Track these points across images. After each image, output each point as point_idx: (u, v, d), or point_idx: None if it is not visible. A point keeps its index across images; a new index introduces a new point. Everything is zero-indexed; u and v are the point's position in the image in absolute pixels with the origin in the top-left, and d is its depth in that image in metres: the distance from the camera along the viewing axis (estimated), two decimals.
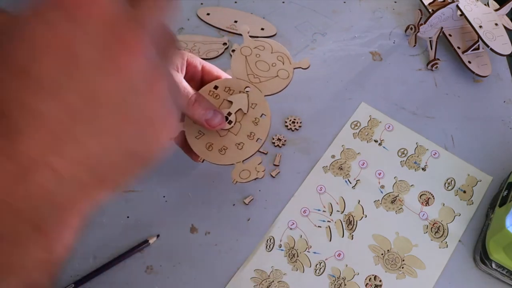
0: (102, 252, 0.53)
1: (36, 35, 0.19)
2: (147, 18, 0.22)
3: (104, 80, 0.20)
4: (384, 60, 0.66)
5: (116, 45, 0.20)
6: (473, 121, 0.62)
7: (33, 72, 0.19)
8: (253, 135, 0.45)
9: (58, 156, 0.19)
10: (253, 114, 0.45)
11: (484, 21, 0.62)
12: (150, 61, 0.21)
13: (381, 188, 0.57)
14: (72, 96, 0.19)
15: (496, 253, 0.49)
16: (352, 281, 0.52)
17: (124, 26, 0.20)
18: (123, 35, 0.20)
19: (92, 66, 0.19)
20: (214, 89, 0.45)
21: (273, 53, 0.46)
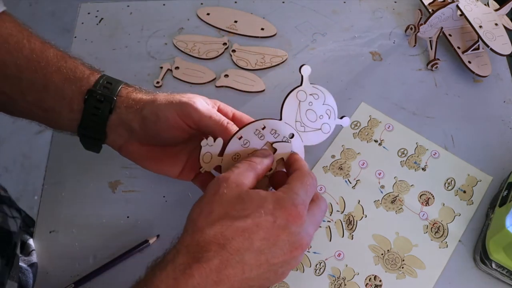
0: (102, 252, 0.53)
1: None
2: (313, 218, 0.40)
3: (279, 259, 0.37)
4: (384, 60, 0.66)
5: (294, 248, 0.38)
6: (473, 121, 0.62)
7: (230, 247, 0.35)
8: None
9: (236, 280, 0.36)
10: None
11: (484, 21, 0.62)
12: (306, 249, 0.39)
13: (381, 188, 0.57)
14: (250, 263, 0.36)
15: (496, 253, 0.49)
16: (352, 281, 0.52)
17: (304, 234, 0.39)
18: (300, 242, 0.38)
19: (278, 252, 0.37)
20: (262, 129, 0.44)
21: (324, 105, 0.45)
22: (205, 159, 0.43)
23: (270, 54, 0.66)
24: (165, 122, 0.44)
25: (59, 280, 0.52)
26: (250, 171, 0.40)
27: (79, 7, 0.72)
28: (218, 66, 0.66)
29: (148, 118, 0.44)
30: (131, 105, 0.46)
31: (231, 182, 0.38)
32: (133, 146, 0.47)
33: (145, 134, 0.46)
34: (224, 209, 0.37)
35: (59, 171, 0.58)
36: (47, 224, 0.55)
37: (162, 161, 0.48)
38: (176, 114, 0.44)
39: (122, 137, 0.47)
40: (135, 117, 0.45)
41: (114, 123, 0.46)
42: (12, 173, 1.50)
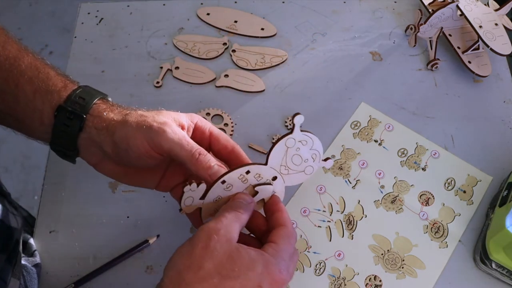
0: (102, 252, 0.53)
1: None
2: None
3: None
4: (384, 60, 0.66)
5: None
6: (473, 121, 0.62)
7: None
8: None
9: None
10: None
11: (484, 21, 0.62)
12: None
13: (381, 188, 0.57)
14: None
15: (496, 253, 0.49)
16: (352, 281, 0.52)
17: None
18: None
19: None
20: (246, 174, 0.43)
21: (311, 150, 0.45)
22: (186, 203, 0.43)
23: (270, 54, 0.66)
24: (136, 151, 0.42)
25: (59, 280, 0.52)
26: (236, 222, 0.39)
27: (79, 7, 0.72)
28: (218, 66, 0.66)
29: (119, 145, 0.43)
30: (102, 127, 0.44)
31: (222, 236, 0.37)
32: (109, 165, 0.46)
33: (118, 158, 0.44)
34: (215, 266, 0.36)
35: (59, 171, 0.58)
36: (47, 224, 0.55)
37: (139, 177, 0.47)
38: (146, 143, 0.42)
39: (96, 156, 0.46)
40: (106, 140, 0.44)
41: (85, 142, 0.45)
42: (12, 173, 1.50)
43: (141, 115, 0.44)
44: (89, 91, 0.46)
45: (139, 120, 0.43)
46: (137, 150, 0.42)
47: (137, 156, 0.43)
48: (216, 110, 0.62)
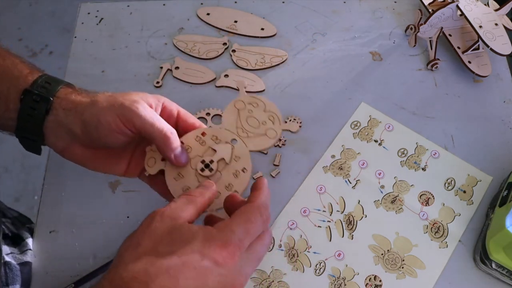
0: (102, 252, 0.53)
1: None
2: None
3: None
4: (384, 60, 0.66)
5: (229, 285, 0.34)
6: (473, 121, 0.62)
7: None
8: (231, 187, 0.44)
9: None
10: (235, 166, 0.45)
11: (484, 21, 0.62)
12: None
13: (381, 188, 0.57)
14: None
15: (496, 253, 0.49)
16: (352, 281, 0.52)
17: (236, 276, 0.35)
18: (231, 283, 0.35)
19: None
20: (202, 135, 0.45)
21: (265, 112, 0.46)
22: (149, 164, 0.45)
23: (270, 54, 0.66)
24: (107, 127, 0.42)
25: (59, 280, 0.52)
26: (188, 205, 0.38)
27: (79, 7, 0.72)
28: (218, 66, 0.66)
29: (89, 123, 0.43)
30: (70, 107, 0.44)
31: (166, 216, 0.36)
32: (77, 149, 0.46)
33: (88, 138, 0.44)
34: (152, 243, 0.35)
35: (59, 171, 0.58)
36: (47, 224, 0.55)
37: (107, 162, 0.47)
38: (118, 119, 0.42)
39: (63, 140, 0.46)
40: (75, 121, 0.44)
41: (52, 125, 0.45)
42: (12, 173, 1.50)
43: (110, 95, 0.44)
44: (55, 78, 0.47)
45: (110, 99, 0.43)
46: (108, 126, 0.42)
47: (108, 133, 0.43)
48: (216, 110, 0.62)
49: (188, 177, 0.45)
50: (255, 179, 0.46)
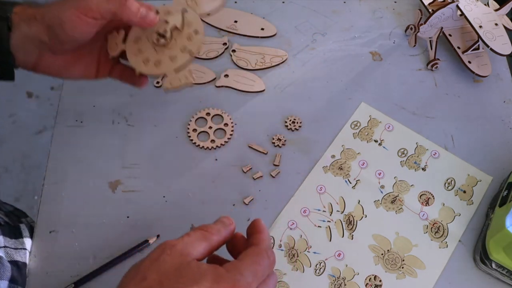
0: (102, 252, 0.53)
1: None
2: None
3: None
4: (384, 60, 0.66)
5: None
6: (473, 121, 0.62)
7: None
8: (186, 49, 0.49)
9: None
10: (188, 31, 0.49)
11: (484, 21, 0.62)
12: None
13: (381, 188, 0.57)
14: None
15: (496, 253, 0.49)
16: (352, 281, 0.52)
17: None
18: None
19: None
20: (156, 14, 0.48)
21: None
22: (111, 47, 0.50)
23: (270, 54, 0.66)
24: (70, 23, 0.44)
25: (59, 280, 0.52)
26: (202, 241, 0.37)
27: None
28: (218, 66, 0.66)
29: (53, 25, 0.45)
30: (30, 18, 0.46)
31: (176, 251, 0.35)
32: (48, 59, 0.48)
33: (56, 42, 0.46)
34: (158, 277, 0.33)
35: (59, 171, 0.58)
36: (47, 224, 0.55)
37: (78, 66, 0.50)
38: (78, 11, 0.44)
39: (33, 54, 0.47)
40: (39, 29, 0.45)
41: (18, 42, 0.46)
42: (12, 173, 1.50)
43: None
44: (6, 1, 0.47)
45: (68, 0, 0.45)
46: (71, 22, 0.44)
47: (73, 28, 0.45)
48: (216, 110, 0.62)
49: (147, 50, 0.50)
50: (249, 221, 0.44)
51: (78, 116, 0.62)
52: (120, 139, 0.60)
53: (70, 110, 0.62)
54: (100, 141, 0.60)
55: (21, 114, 1.58)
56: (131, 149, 0.60)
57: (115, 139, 0.60)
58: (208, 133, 0.60)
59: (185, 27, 0.50)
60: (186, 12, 0.50)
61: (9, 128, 1.54)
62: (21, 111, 1.59)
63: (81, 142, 0.60)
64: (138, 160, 0.59)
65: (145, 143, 0.60)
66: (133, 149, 0.60)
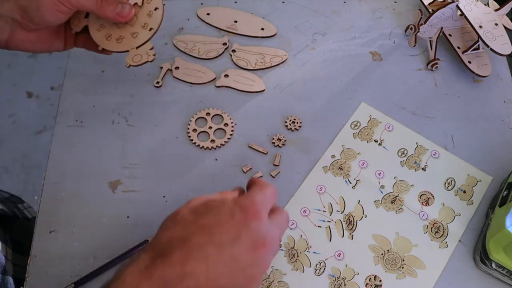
0: (102, 252, 0.53)
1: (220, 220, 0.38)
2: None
3: (244, 257, 0.37)
4: (384, 60, 0.66)
5: (257, 245, 0.37)
6: (473, 121, 0.62)
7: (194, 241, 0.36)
8: (147, 25, 0.52)
9: (204, 278, 0.35)
10: (148, 8, 0.53)
11: (484, 21, 0.62)
12: (272, 250, 0.39)
13: (381, 188, 0.57)
14: (215, 261, 0.36)
15: (496, 253, 0.49)
16: (352, 281, 0.52)
17: (266, 232, 0.38)
18: (263, 240, 0.38)
19: (242, 249, 0.37)
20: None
21: None
22: (75, 23, 0.53)
23: (270, 54, 0.66)
24: (47, 8, 0.46)
25: (59, 280, 0.52)
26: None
27: None
28: (218, 66, 0.66)
29: (29, 7, 0.46)
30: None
31: (200, 197, 0.41)
32: (20, 36, 0.49)
33: (29, 21, 0.48)
34: (189, 211, 0.39)
35: (59, 171, 0.58)
36: (47, 224, 0.55)
37: (49, 41, 0.53)
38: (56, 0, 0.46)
39: (5, 31, 0.48)
40: (13, 8, 0.47)
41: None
42: (12, 173, 1.50)
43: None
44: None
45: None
46: (47, 7, 0.47)
47: (49, 13, 0.47)
48: (216, 110, 0.62)
49: (109, 26, 0.53)
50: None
51: (78, 116, 0.62)
52: (120, 139, 0.60)
53: (70, 110, 0.62)
54: (100, 141, 0.60)
55: (21, 114, 1.59)
56: (131, 149, 0.60)
57: (115, 139, 0.60)
58: (208, 133, 0.60)
59: (145, 4, 0.53)
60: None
61: (9, 128, 1.54)
62: (21, 111, 1.59)
63: (81, 142, 0.60)
64: (138, 160, 0.59)
65: (145, 143, 0.60)
66: (133, 149, 0.60)
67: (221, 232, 0.37)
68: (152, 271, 0.35)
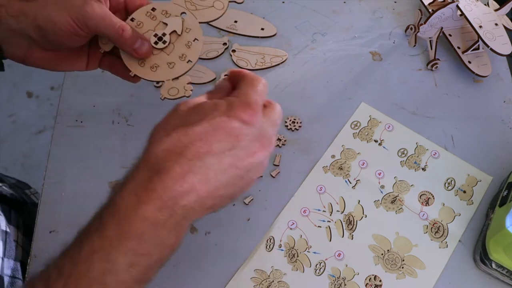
0: None
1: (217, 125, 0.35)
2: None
3: (243, 162, 0.36)
4: (384, 60, 0.66)
5: (255, 148, 0.37)
6: (473, 121, 0.62)
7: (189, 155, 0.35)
8: (185, 57, 0.48)
9: (205, 190, 0.35)
10: (187, 37, 0.48)
11: (484, 21, 0.62)
12: (269, 150, 0.38)
13: (381, 188, 0.57)
14: (211, 171, 0.35)
15: (496, 253, 0.49)
16: (352, 281, 0.52)
17: (263, 133, 0.37)
18: (260, 141, 0.37)
19: (241, 154, 0.36)
20: (152, 11, 0.48)
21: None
22: (103, 42, 0.48)
23: (270, 54, 0.66)
24: (64, 30, 0.43)
25: None
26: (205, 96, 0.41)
27: None
28: (218, 66, 0.66)
29: (46, 28, 0.44)
30: (18, 13, 0.44)
31: (188, 101, 0.38)
32: (37, 54, 0.47)
33: (45, 41, 0.45)
34: (180, 119, 0.36)
35: (59, 171, 0.58)
36: (47, 224, 0.55)
37: (69, 61, 0.49)
38: (73, 22, 0.43)
39: (21, 48, 0.46)
40: (30, 27, 0.44)
41: (5, 35, 0.45)
42: (12, 173, 1.50)
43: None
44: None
45: (61, 0, 0.44)
46: (66, 29, 0.43)
47: (66, 36, 0.44)
48: None
49: None
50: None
51: (78, 116, 0.62)
52: (120, 139, 0.60)
53: (70, 110, 0.62)
54: (100, 141, 0.60)
55: (21, 114, 1.59)
56: (131, 149, 0.60)
57: (115, 139, 0.60)
58: None
59: (184, 33, 0.48)
60: (185, 16, 0.49)
61: (9, 128, 1.54)
62: (21, 111, 1.59)
63: (81, 142, 0.60)
64: None
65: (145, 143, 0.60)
66: (133, 149, 0.59)
67: (219, 140, 0.35)
68: (150, 192, 0.33)
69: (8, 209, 0.55)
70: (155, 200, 0.33)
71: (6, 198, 0.57)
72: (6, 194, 0.56)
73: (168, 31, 0.47)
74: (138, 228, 0.33)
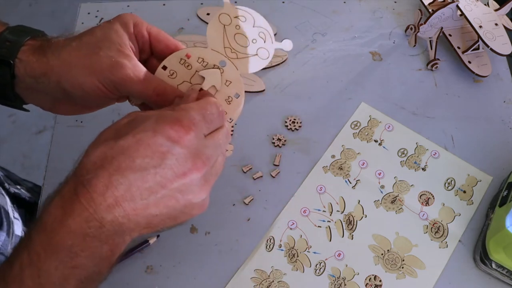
0: None
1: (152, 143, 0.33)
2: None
3: (171, 182, 0.33)
4: (384, 60, 0.66)
5: (185, 168, 0.34)
6: (473, 121, 0.62)
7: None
8: (225, 115, 0.41)
9: (131, 208, 0.33)
10: (227, 92, 0.41)
11: (484, 21, 0.62)
12: (205, 175, 0.35)
13: (381, 188, 0.57)
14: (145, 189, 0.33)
15: (496, 253, 0.49)
16: (352, 281, 0.52)
17: (196, 152, 0.34)
18: (192, 161, 0.34)
19: (168, 173, 0.33)
20: (186, 58, 0.41)
21: (255, 27, 0.42)
22: (134, 100, 0.44)
23: None
24: (92, 94, 0.40)
25: None
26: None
27: (79, 7, 0.72)
28: None
29: (73, 92, 0.40)
30: (38, 74, 0.40)
31: (131, 113, 0.36)
32: (64, 106, 0.44)
33: (72, 101, 0.42)
34: (113, 131, 0.34)
35: (59, 171, 0.58)
36: None
37: (100, 106, 0.46)
38: (102, 85, 0.40)
39: (46, 102, 0.44)
40: (53, 88, 0.41)
41: (26, 92, 0.42)
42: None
43: (77, 48, 0.40)
44: (20, 30, 0.42)
45: (84, 61, 0.40)
46: (95, 94, 0.40)
47: (94, 99, 0.41)
48: None
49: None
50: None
51: (78, 116, 0.62)
52: None
53: None
54: None
55: (21, 114, 1.58)
56: None
57: None
58: None
59: (223, 87, 0.41)
60: (224, 65, 0.42)
61: (9, 128, 1.54)
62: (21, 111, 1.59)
63: (81, 142, 0.60)
64: None
65: None
66: None
67: (142, 156, 0.32)
68: (76, 203, 0.32)
69: (24, 213, 0.54)
70: (81, 211, 0.32)
71: (24, 202, 0.56)
72: (25, 198, 0.56)
73: (206, 86, 0.41)
74: (65, 241, 0.32)
